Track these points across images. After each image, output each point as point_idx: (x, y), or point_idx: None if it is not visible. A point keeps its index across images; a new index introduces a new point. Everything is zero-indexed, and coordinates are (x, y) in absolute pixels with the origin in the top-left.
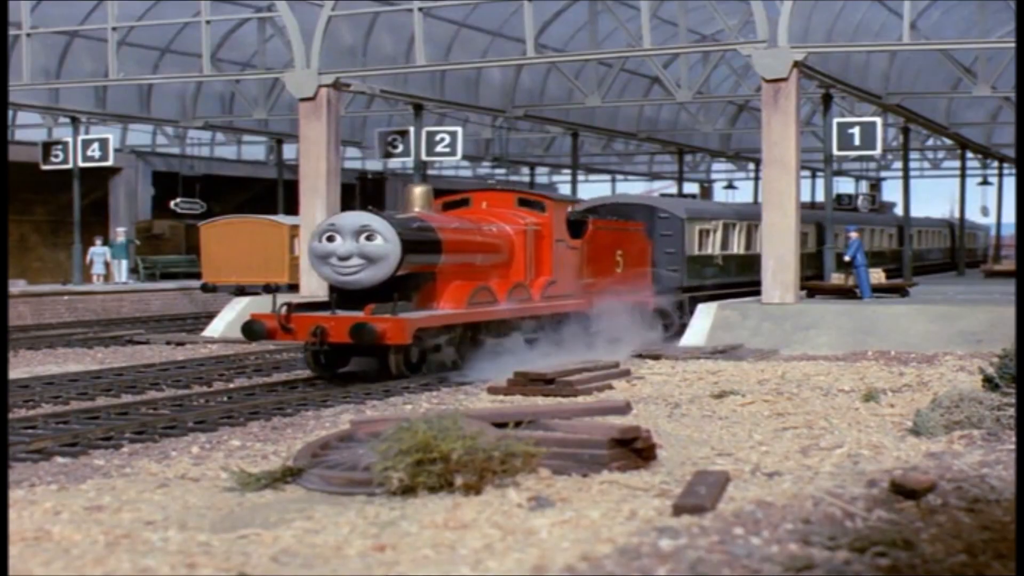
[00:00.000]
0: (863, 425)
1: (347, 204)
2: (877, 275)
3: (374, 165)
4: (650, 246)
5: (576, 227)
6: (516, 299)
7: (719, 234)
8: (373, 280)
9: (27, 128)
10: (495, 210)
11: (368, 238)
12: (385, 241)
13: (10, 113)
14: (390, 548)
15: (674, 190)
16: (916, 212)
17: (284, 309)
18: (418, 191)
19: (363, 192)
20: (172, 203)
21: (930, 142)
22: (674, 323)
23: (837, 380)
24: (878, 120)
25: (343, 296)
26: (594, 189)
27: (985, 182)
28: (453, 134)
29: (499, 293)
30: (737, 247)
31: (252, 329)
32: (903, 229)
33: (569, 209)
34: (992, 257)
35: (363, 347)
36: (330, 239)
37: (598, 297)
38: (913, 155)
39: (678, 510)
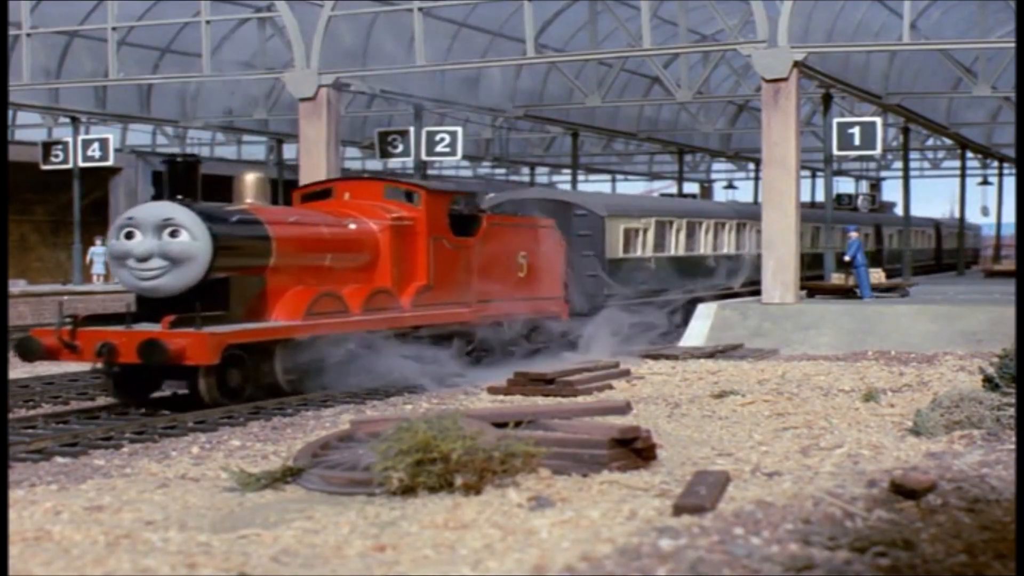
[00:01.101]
0: (863, 425)
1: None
2: (877, 275)
3: (374, 165)
4: (563, 248)
5: (464, 223)
6: (376, 308)
7: (651, 233)
8: (177, 286)
9: (27, 128)
10: (360, 202)
11: (172, 234)
12: (192, 238)
13: (10, 113)
14: (390, 548)
15: (674, 190)
16: (916, 212)
17: (69, 322)
18: (249, 179)
19: (173, 179)
20: None
21: (930, 142)
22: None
23: (837, 380)
24: (878, 120)
25: (146, 306)
26: (594, 189)
27: (985, 182)
28: (453, 134)
29: (353, 301)
30: (676, 248)
31: (27, 347)
32: (880, 229)
33: (462, 202)
34: (992, 257)
35: (167, 369)
36: (128, 236)
37: (493, 307)
38: (913, 155)
39: (678, 510)
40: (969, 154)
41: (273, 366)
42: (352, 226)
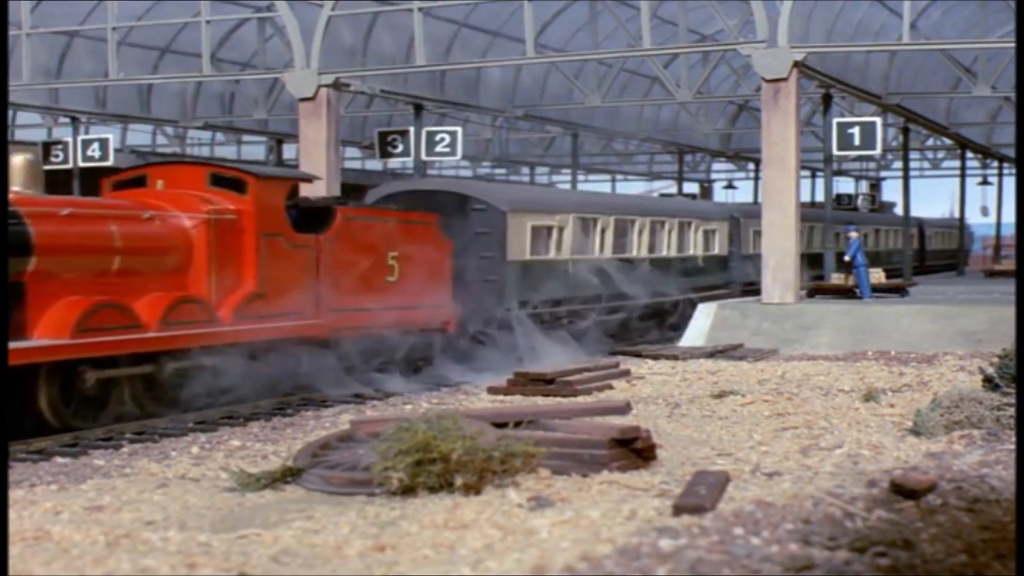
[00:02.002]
0: (863, 425)
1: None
2: (877, 275)
3: (374, 165)
4: (448, 248)
5: (312, 218)
6: (181, 322)
7: (569, 232)
8: None
9: (27, 128)
10: (175, 192)
11: None
12: None
13: (10, 113)
14: (390, 548)
15: (674, 190)
16: (916, 212)
17: None
18: (17, 162)
19: None
20: None
21: (930, 142)
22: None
23: (837, 380)
24: (878, 120)
25: None
26: (594, 189)
27: (985, 182)
28: (453, 134)
29: (149, 314)
30: (602, 250)
31: None
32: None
33: (315, 194)
34: (992, 257)
35: None
36: None
37: (351, 318)
38: (913, 155)
39: (678, 510)
40: (969, 154)
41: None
42: (156, 221)
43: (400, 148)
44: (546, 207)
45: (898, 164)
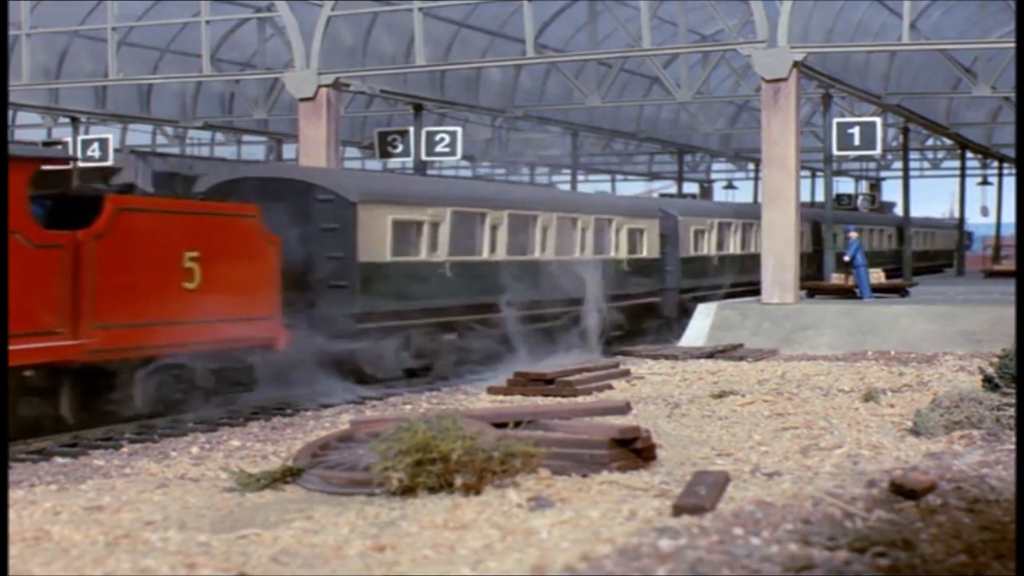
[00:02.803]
0: (863, 425)
1: None
2: (877, 275)
3: (374, 165)
4: (272, 246)
5: (71, 210)
6: None
7: (445, 229)
8: None
9: (27, 128)
10: None
11: None
12: None
13: (10, 113)
14: (390, 548)
15: (674, 190)
16: (916, 212)
17: None
18: None
19: None
20: None
21: (930, 142)
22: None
23: (837, 380)
24: (878, 120)
25: None
26: (594, 189)
27: (985, 182)
28: (453, 134)
29: None
30: (493, 251)
31: None
32: (818, 228)
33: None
34: (991, 257)
35: None
36: None
37: (128, 337)
38: (913, 155)
39: (678, 510)
40: (969, 154)
41: None
42: None
43: (400, 148)
44: (414, 199)
45: (898, 164)
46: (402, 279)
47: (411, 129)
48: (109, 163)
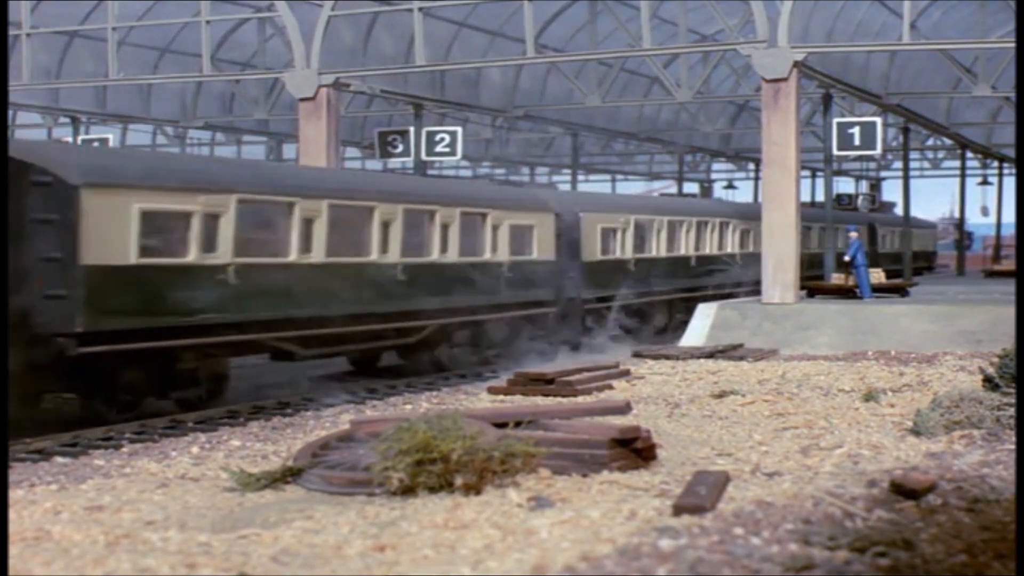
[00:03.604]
0: (863, 425)
1: None
2: (877, 275)
3: (374, 165)
4: None
5: None
6: None
7: (228, 222)
8: None
9: (27, 128)
10: None
11: None
12: None
13: (10, 113)
14: (390, 548)
15: (674, 190)
16: (916, 212)
17: None
18: None
19: None
20: None
21: (930, 142)
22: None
23: (837, 380)
24: (878, 120)
25: None
26: (594, 189)
27: (985, 182)
28: (453, 134)
29: None
30: (306, 251)
31: None
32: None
33: None
34: (992, 257)
35: None
36: None
37: None
38: (913, 155)
39: (678, 510)
40: (969, 154)
41: None
42: None
43: (400, 148)
44: (179, 183)
45: (898, 164)
46: (154, 287)
47: (411, 129)
48: None
